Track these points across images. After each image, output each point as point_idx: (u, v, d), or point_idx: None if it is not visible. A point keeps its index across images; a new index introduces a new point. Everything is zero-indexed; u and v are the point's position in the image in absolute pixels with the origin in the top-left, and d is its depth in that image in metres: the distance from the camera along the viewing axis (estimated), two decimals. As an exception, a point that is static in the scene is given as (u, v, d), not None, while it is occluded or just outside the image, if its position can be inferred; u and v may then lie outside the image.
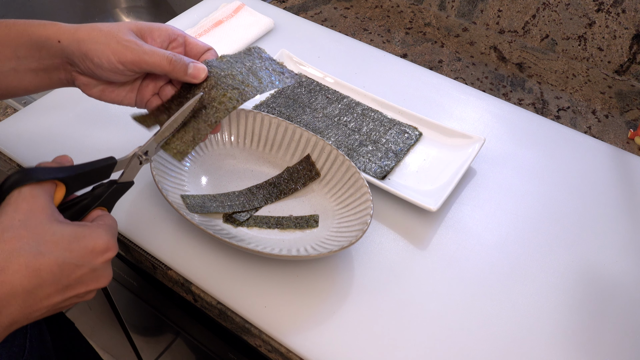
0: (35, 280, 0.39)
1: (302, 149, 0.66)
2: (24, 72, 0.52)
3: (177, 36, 0.54)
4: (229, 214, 0.62)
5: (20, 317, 0.40)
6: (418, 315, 0.56)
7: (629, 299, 0.59)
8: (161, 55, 0.50)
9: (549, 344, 0.55)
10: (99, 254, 0.42)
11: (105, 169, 0.47)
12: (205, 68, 0.52)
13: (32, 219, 0.40)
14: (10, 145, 0.70)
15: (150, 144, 0.52)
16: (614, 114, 0.82)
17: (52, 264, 0.39)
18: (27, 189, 0.41)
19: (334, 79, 0.78)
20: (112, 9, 1.24)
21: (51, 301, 0.41)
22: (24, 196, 0.41)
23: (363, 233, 0.56)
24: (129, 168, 0.50)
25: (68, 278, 0.41)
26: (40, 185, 0.42)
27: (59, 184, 0.44)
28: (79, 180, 0.45)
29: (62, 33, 0.50)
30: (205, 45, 0.55)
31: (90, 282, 0.43)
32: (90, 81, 0.53)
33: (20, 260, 0.38)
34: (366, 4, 1.02)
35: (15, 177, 0.41)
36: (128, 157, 0.50)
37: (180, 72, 0.51)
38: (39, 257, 0.39)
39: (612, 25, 0.85)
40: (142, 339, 1.06)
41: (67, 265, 0.40)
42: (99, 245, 0.42)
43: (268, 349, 0.55)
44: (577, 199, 0.68)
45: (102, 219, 0.46)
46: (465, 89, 0.81)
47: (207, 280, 0.58)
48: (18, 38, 0.51)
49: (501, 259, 0.61)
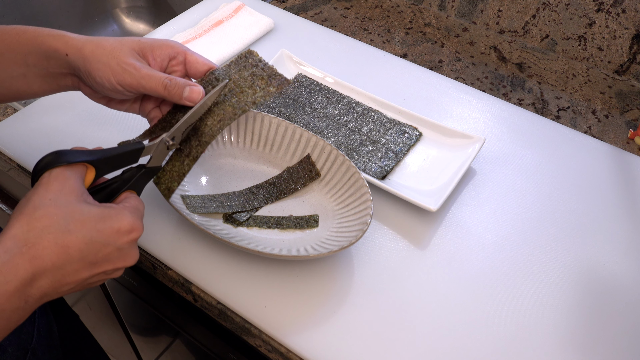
0: (63, 256, 0.41)
1: (302, 149, 0.66)
2: (33, 78, 0.54)
3: (177, 54, 0.55)
4: (229, 214, 0.62)
5: (51, 290, 0.42)
6: (418, 315, 0.56)
7: (629, 298, 0.59)
8: (157, 80, 0.51)
9: (549, 343, 0.55)
10: (125, 234, 0.44)
11: (133, 153, 0.49)
12: (201, 91, 0.53)
13: (62, 199, 0.42)
14: (10, 145, 0.70)
15: (177, 129, 0.52)
16: (614, 114, 0.82)
17: (79, 242, 0.41)
18: (58, 170, 0.44)
19: (334, 79, 0.78)
20: (112, 9, 1.24)
21: (79, 277, 0.43)
22: (55, 176, 0.43)
23: (363, 233, 0.56)
24: (156, 153, 0.51)
25: (95, 256, 0.43)
26: (71, 167, 0.44)
27: (89, 167, 0.46)
28: (108, 164, 0.47)
29: (70, 47, 0.51)
30: (205, 63, 0.56)
31: (116, 261, 0.45)
32: (95, 93, 0.55)
33: (50, 237, 0.40)
34: (366, 4, 1.02)
35: (48, 159, 0.44)
36: (156, 143, 0.51)
37: (176, 96, 0.52)
38: (68, 235, 0.41)
39: (612, 25, 0.85)
40: (142, 339, 1.06)
41: (94, 244, 0.42)
42: (124, 226, 0.44)
43: (268, 349, 0.55)
44: (577, 199, 0.68)
45: (129, 200, 0.48)
46: (465, 89, 0.81)
47: (207, 280, 0.58)
48: (28, 46, 0.52)
49: (501, 259, 0.61)
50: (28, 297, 0.40)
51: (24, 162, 0.69)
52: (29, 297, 0.40)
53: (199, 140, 0.54)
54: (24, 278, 0.39)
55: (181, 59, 0.56)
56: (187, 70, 0.56)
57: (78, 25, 1.19)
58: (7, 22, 1.09)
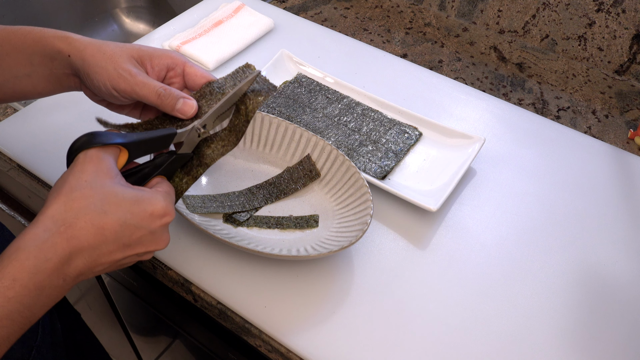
0: (99, 237, 0.42)
1: (302, 149, 0.66)
2: (38, 78, 0.55)
3: (176, 66, 0.55)
4: (229, 214, 0.62)
5: (86, 270, 0.43)
6: (418, 315, 0.56)
7: (628, 298, 0.59)
8: (151, 88, 0.51)
9: (549, 343, 0.55)
10: (157, 218, 0.45)
11: (165, 139, 0.50)
12: (194, 105, 0.52)
13: (98, 181, 0.43)
14: (10, 145, 0.70)
15: (209, 117, 0.53)
16: (614, 114, 0.82)
17: (114, 223, 0.43)
18: (93, 152, 0.44)
19: (334, 79, 0.78)
20: (112, 9, 1.24)
21: (113, 257, 0.44)
22: (90, 158, 0.44)
23: (363, 233, 0.56)
24: (187, 140, 0.52)
25: (129, 238, 0.44)
26: (106, 148, 0.45)
27: (122, 149, 0.47)
28: (141, 147, 0.48)
29: (72, 48, 0.52)
30: (204, 76, 0.55)
31: (149, 244, 0.46)
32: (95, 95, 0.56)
33: (86, 218, 0.42)
34: (366, 4, 1.02)
35: (83, 139, 0.45)
36: (187, 129, 0.51)
37: (169, 107, 0.52)
38: (103, 217, 0.42)
39: (612, 25, 0.85)
40: (142, 339, 1.06)
41: (128, 226, 0.43)
42: (158, 210, 0.45)
43: (268, 349, 0.55)
44: (577, 199, 0.68)
45: (161, 185, 0.49)
46: (465, 89, 0.81)
47: (207, 280, 0.58)
48: (33, 47, 0.53)
49: (501, 259, 0.61)
50: (66, 275, 0.42)
51: (24, 162, 0.69)
52: (66, 276, 0.42)
53: (200, 161, 0.54)
54: (62, 256, 0.41)
55: (180, 70, 0.55)
56: (186, 82, 0.56)
57: (78, 25, 1.19)
58: (7, 22, 1.09)
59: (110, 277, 0.85)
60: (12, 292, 0.39)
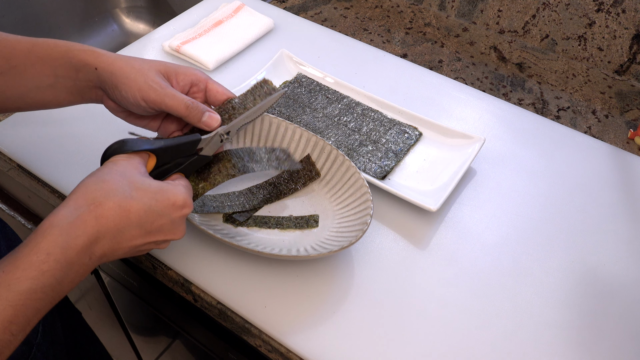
0: (125, 220, 0.45)
1: (302, 149, 0.66)
2: (60, 89, 0.56)
3: (199, 82, 0.59)
4: (229, 214, 0.62)
5: (109, 251, 0.46)
6: (418, 315, 0.56)
7: (628, 298, 0.59)
8: (180, 100, 0.54)
9: (549, 343, 0.55)
10: (179, 208, 0.49)
11: (191, 144, 0.54)
12: (218, 118, 0.57)
13: (127, 172, 0.47)
14: (10, 145, 0.70)
15: (234, 125, 0.57)
16: (614, 114, 0.82)
17: (140, 208, 0.46)
18: (124, 155, 0.49)
19: (334, 79, 0.78)
20: (112, 9, 1.24)
21: (134, 242, 0.47)
22: (122, 157, 0.49)
23: (363, 233, 0.56)
24: (210, 144, 0.56)
25: (151, 225, 0.47)
26: (136, 153, 0.50)
27: (151, 155, 0.51)
28: (168, 153, 0.52)
29: (100, 62, 0.55)
30: (225, 93, 0.59)
31: (167, 232, 0.49)
32: (117, 107, 0.58)
33: (115, 199, 0.45)
34: (366, 4, 1.02)
35: (115, 146, 0.50)
36: (211, 135, 0.55)
37: (195, 119, 0.55)
38: (130, 200, 0.45)
39: (612, 25, 0.85)
40: (142, 339, 1.06)
41: (151, 213, 0.47)
42: (179, 200, 0.49)
43: (268, 349, 0.55)
44: (577, 199, 0.68)
45: (181, 180, 0.52)
46: (465, 89, 0.81)
47: (207, 280, 0.58)
48: (59, 59, 0.55)
49: (501, 259, 0.61)
50: (92, 254, 0.44)
51: (24, 162, 0.69)
52: (92, 254, 0.44)
53: (219, 170, 0.58)
54: (91, 234, 0.44)
55: (202, 86, 0.59)
56: (207, 97, 0.60)
57: (78, 25, 1.19)
58: (7, 22, 1.09)
59: (110, 277, 0.85)
60: (47, 265, 0.41)
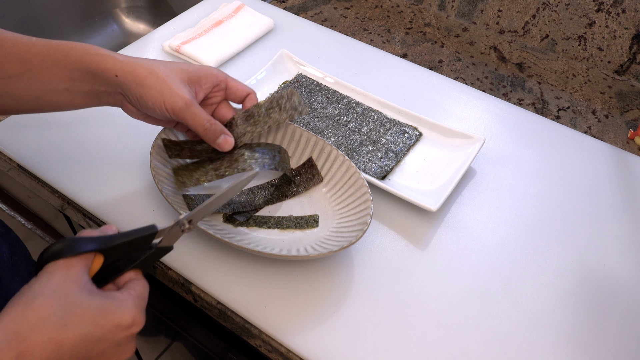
0: (56, 353, 0.39)
1: (302, 149, 0.66)
2: (76, 93, 0.56)
3: (220, 82, 0.60)
4: (230, 214, 0.62)
5: None
6: (418, 315, 0.56)
7: (628, 298, 0.59)
8: (200, 121, 0.56)
9: (549, 343, 0.55)
10: (124, 329, 0.42)
11: (146, 239, 0.46)
12: (232, 142, 0.59)
13: (63, 288, 0.40)
14: (10, 145, 0.70)
15: (196, 214, 0.49)
16: (614, 114, 0.82)
17: (75, 338, 0.39)
18: (63, 261, 0.41)
19: (334, 79, 0.78)
20: (112, 9, 1.24)
21: None
22: (60, 266, 0.41)
23: (363, 233, 0.56)
24: (169, 235, 0.48)
25: (89, 352, 0.41)
26: (78, 256, 0.42)
27: (97, 255, 0.43)
28: (118, 250, 0.45)
29: (120, 69, 0.54)
30: (244, 90, 0.61)
31: (110, 356, 0.43)
32: (137, 111, 0.59)
33: (44, 331, 0.38)
34: (366, 4, 1.02)
35: (55, 249, 0.41)
36: (170, 226, 0.47)
37: (210, 140, 0.58)
38: (63, 330, 0.39)
39: (612, 25, 0.85)
40: (142, 339, 1.06)
41: (89, 340, 0.40)
42: (125, 320, 0.42)
43: (268, 349, 0.55)
44: (577, 199, 0.68)
45: (134, 286, 0.45)
46: (465, 89, 0.81)
47: (207, 280, 0.58)
48: (75, 63, 0.54)
49: (501, 258, 0.61)
50: None
51: (24, 162, 0.69)
52: None
53: (230, 163, 0.59)
54: None
55: (223, 85, 0.61)
56: (227, 95, 0.61)
57: (78, 25, 1.19)
58: (7, 22, 1.09)
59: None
60: None
